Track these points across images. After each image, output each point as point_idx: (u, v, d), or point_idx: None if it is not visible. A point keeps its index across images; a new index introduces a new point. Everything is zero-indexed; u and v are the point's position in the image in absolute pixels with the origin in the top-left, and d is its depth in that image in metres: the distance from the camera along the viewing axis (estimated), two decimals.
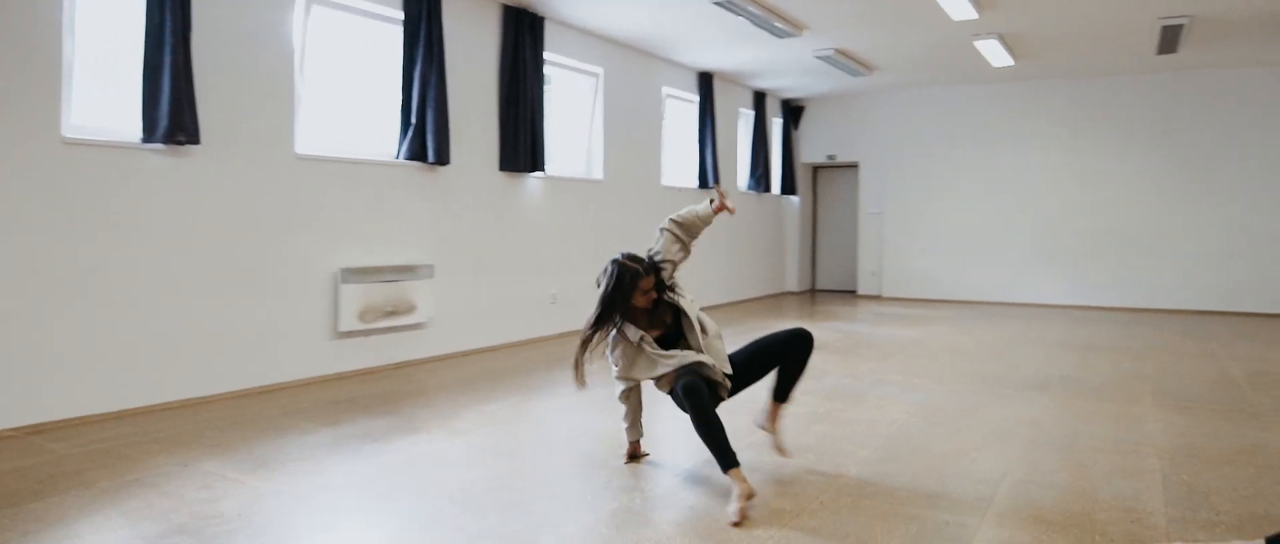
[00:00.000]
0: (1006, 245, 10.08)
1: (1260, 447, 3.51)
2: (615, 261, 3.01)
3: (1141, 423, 3.93)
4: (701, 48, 8.01)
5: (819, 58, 8.22)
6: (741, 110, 10.09)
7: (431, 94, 5.61)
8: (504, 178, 6.53)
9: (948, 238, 10.40)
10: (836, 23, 7.09)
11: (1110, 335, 7.20)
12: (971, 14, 6.53)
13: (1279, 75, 8.72)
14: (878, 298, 10.66)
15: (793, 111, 11.26)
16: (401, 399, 4.51)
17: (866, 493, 2.87)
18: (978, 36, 7.48)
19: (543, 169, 6.70)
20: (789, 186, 11.00)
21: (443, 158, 5.74)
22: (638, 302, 3.01)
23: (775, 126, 10.87)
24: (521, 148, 6.49)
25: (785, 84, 10.05)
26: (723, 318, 7.92)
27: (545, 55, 6.74)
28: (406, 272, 5.61)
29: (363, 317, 5.30)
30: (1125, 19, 6.89)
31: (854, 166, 11.40)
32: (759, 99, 10.29)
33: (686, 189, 8.86)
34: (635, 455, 3.30)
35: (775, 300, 10.29)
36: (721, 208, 3.15)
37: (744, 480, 2.71)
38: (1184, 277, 9.22)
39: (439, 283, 5.92)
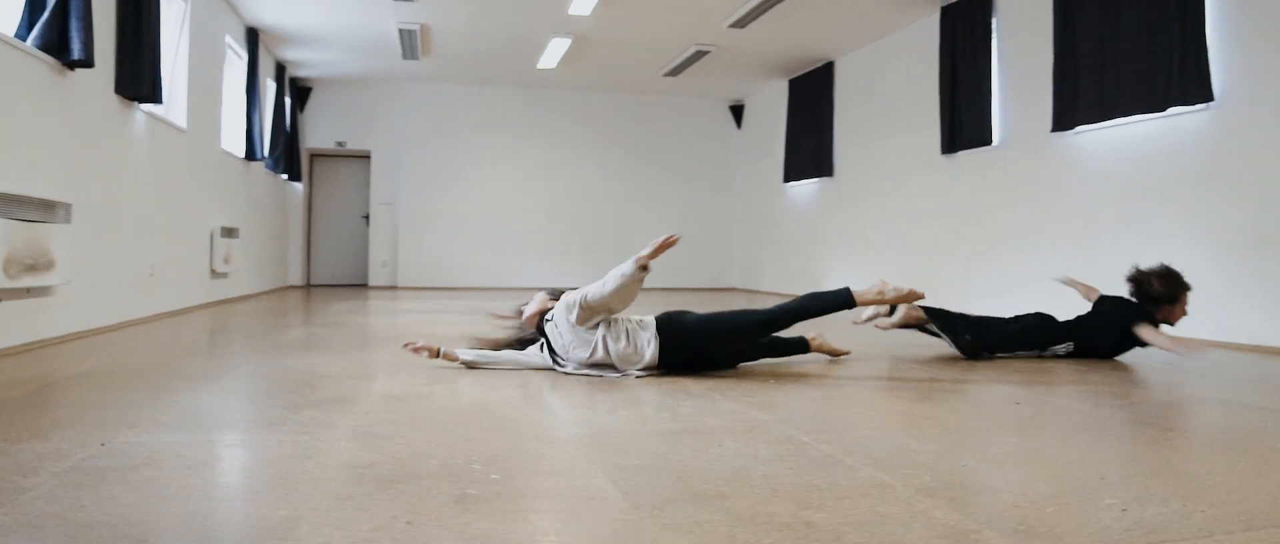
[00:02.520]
0: (510, 234, 11.27)
1: None
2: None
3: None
4: None
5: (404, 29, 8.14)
6: (268, 81, 9.06)
7: None
8: (120, 106, 4.95)
9: (460, 228, 11.07)
10: None
11: None
12: None
13: (708, 101, 11.92)
14: (393, 288, 10.67)
15: (299, 92, 10.46)
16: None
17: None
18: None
19: (159, 100, 5.26)
20: (294, 172, 10.17)
21: (88, 58, 4.18)
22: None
23: (285, 105, 9.97)
24: (144, 68, 5.01)
25: (303, 58, 9.42)
26: (221, 322, 7.16)
27: None
28: (42, 210, 3.92)
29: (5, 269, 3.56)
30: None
31: (365, 156, 11.15)
32: (281, 71, 9.36)
33: (235, 155, 7.66)
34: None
35: (280, 297, 9.11)
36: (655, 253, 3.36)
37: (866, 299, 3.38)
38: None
39: (78, 232, 4.25)
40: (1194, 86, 4.80)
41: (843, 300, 3.35)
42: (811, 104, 9.87)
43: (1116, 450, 2.22)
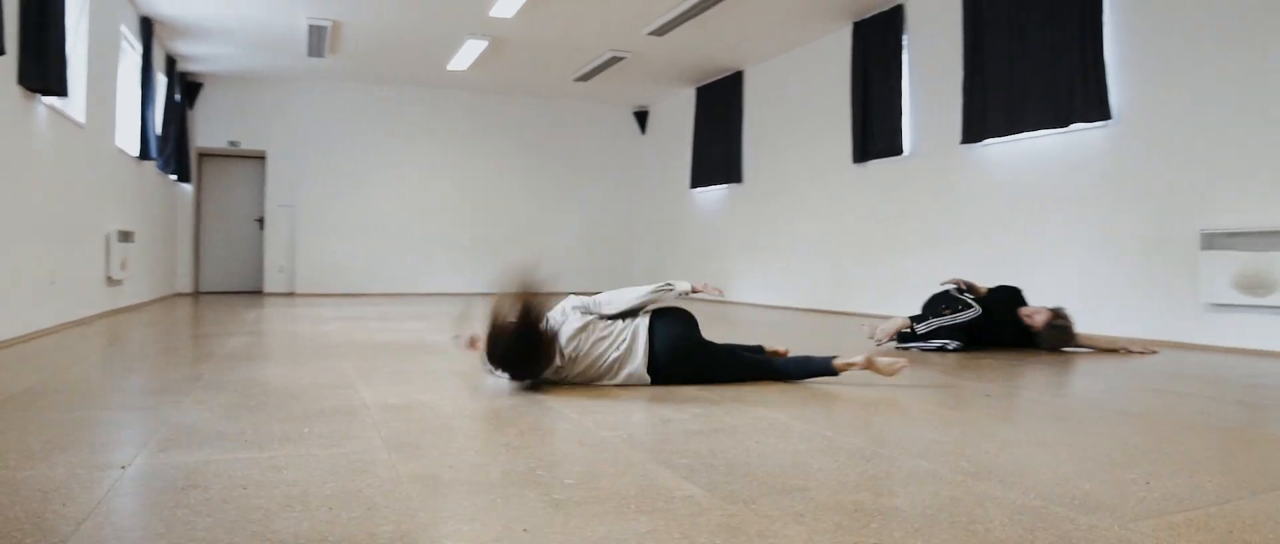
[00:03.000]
0: (416, 239, 10.97)
1: None
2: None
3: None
4: None
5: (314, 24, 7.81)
6: (159, 76, 8.46)
7: None
8: (22, 98, 4.54)
9: (363, 232, 10.69)
10: None
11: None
12: None
13: (605, 107, 11.97)
14: (291, 295, 10.18)
15: (189, 88, 9.81)
16: None
17: None
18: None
19: (66, 93, 4.86)
20: (184, 173, 9.54)
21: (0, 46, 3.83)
22: None
23: (176, 102, 9.33)
24: (50, 58, 4.62)
25: (196, 51, 8.88)
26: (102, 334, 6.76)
27: None
28: None
29: None
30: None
31: (260, 156, 10.57)
32: (171, 64, 8.77)
33: (129, 154, 7.13)
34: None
35: (172, 307, 8.36)
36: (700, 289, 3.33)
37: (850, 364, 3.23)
38: (554, 266, 11.70)
39: None
40: (1094, 105, 5.28)
41: (824, 369, 3.30)
42: (720, 112, 10.14)
43: (1105, 435, 2.44)
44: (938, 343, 4.52)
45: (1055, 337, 4.53)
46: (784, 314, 7.76)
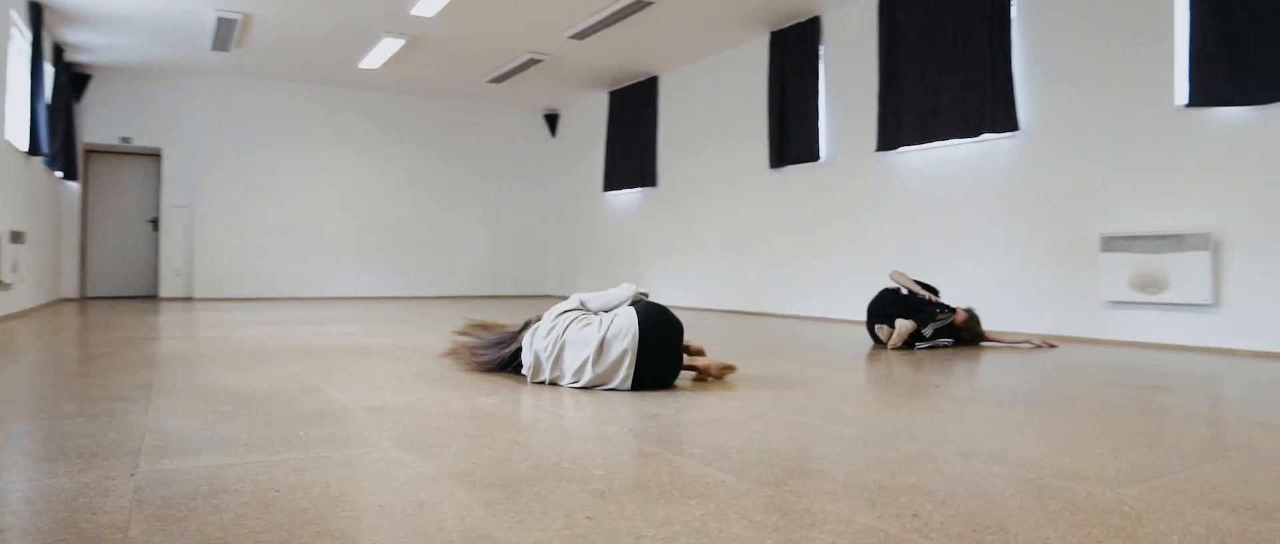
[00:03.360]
0: (322, 242, 10.61)
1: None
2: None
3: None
4: None
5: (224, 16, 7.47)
6: (47, 66, 7.87)
7: None
8: None
9: (267, 234, 10.26)
10: None
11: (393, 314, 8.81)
12: None
13: (508, 108, 11.90)
14: (190, 299, 9.66)
15: (76, 80, 9.16)
16: None
17: None
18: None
19: None
20: (71, 170, 8.91)
21: None
22: None
23: (64, 94, 8.70)
24: None
25: (86, 41, 8.33)
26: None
27: None
28: None
29: None
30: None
31: (154, 154, 9.96)
32: (58, 54, 8.19)
33: (18, 149, 6.63)
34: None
35: (58, 313, 7.70)
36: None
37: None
38: (455, 267, 11.55)
39: None
40: (1003, 117, 5.69)
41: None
42: (634, 116, 10.28)
43: (1055, 418, 2.67)
44: (942, 341, 4.86)
45: (972, 332, 4.88)
46: (699, 315, 7.96)
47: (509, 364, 3.48)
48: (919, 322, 4.79)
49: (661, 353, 3.14)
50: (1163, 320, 4.92)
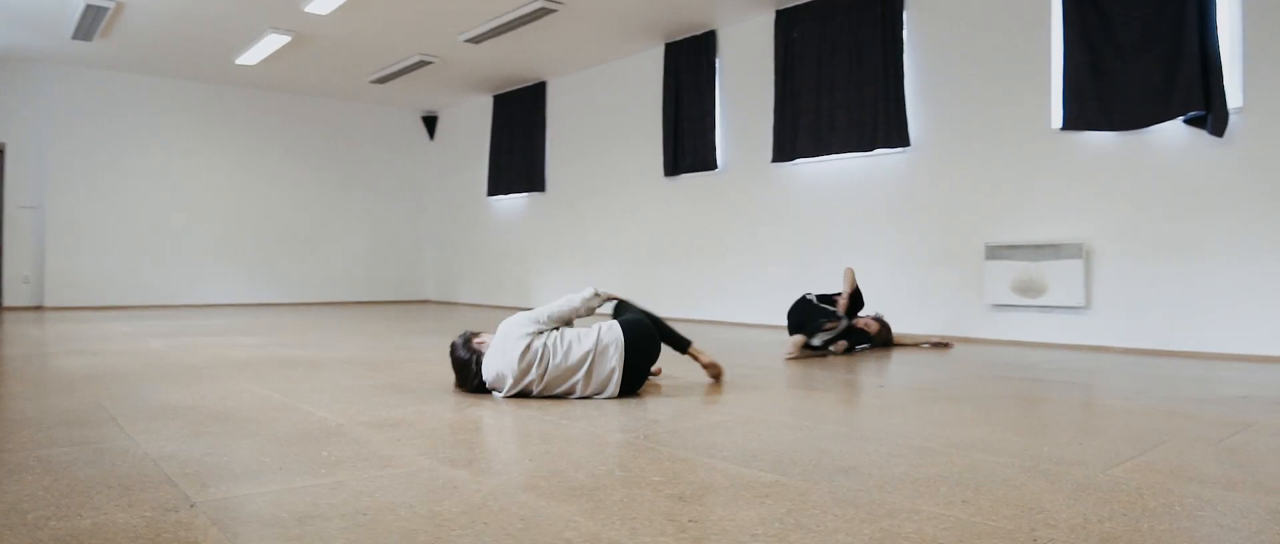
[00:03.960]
0: (187, 246, 9.92)
1: None
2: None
3: None
4: None
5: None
6: None
7: None
8: None
9: (127, 238, 9.48)
10: None
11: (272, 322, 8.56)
12: None
13: (393, 111, 11.57)
14: (40, 309, 8.78)
15: None
16: None
17: None
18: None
19: None
20: None
21: None
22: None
23: None
24: None
25: None
26: None
27: None
28: None
29: None
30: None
31: None
32: None
33: None
34: None
35: None
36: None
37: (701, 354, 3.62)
38: (331, 272, 11.12)
39: None
40: (896, 133, 6.18)
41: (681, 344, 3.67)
42: (521, 120, 10.27)
43: (1004, 411, 3.01)
44: (831, 347, 5.07)
45: (883, 337, 5.31)
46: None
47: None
48: (808, 333, 5.08)
49: (641, 359, 3.32)
50: (1042, 321, 5.53)
